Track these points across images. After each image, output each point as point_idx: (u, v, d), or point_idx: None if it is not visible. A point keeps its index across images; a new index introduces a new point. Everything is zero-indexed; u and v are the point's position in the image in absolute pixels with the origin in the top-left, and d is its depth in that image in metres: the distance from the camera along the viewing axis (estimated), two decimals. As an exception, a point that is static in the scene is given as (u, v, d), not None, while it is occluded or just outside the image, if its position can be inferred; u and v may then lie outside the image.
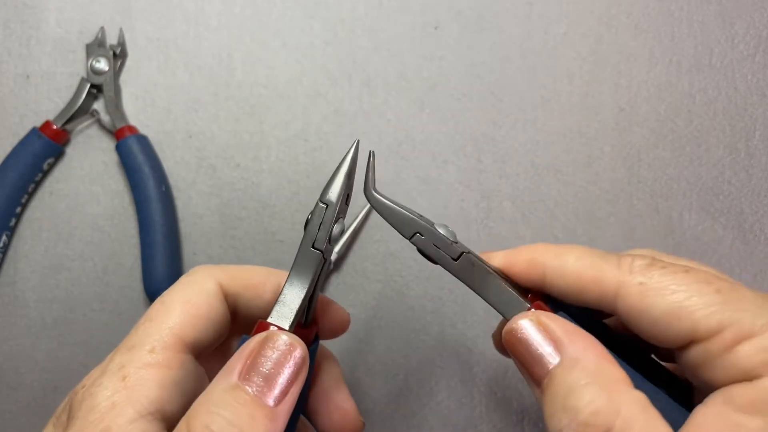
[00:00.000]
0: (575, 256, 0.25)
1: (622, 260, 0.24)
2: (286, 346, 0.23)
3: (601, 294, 0.24)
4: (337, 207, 0.26)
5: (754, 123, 0.42)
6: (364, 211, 0.41)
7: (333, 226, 0.26)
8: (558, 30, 0.43)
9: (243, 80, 0.43)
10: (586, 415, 0.21)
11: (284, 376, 0.22)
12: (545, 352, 0.23)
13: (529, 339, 0.23)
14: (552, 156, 0.42)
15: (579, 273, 0.25)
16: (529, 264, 0.26)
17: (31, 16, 0.44)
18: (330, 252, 0.27)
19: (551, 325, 0.23)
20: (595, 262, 0.25)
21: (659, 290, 0.23)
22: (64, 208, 0.42)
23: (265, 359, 0.22)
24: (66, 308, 0.42)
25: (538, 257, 0.26)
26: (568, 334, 0.23)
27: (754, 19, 0.43)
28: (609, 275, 0.24)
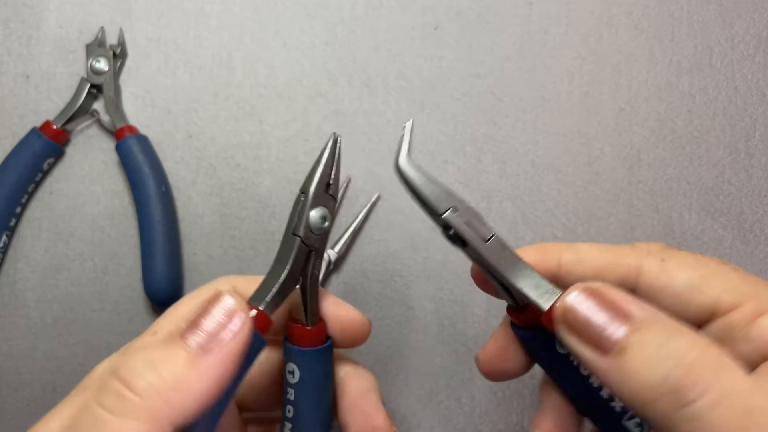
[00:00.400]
0: (587, 246, 0.26)
1: (636, 246, 0.26)
2: (226, 304, 0.23)
3: (623, 275, 0.25)
4: (310, 195, 0.27)
5: (754, 123, 0.42)
6: (364, 211, 0.41)
7: (308, 213, 0.27)
8: (558, 30, 0.43)
9: (243, 80, 0.43)
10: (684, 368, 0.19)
11: (214, 331, 0.22)
12: (611, 322, 0.21)
13: (592, 310, 0.22)
14: (552, 156, 0.42)
15: (596, 259, 0.25)
16: (543, 255, 0.26)
17: (31, 16, 0.44)
18: (317, 241, 0.27)
19: (613, 293, 0.22)
20: (608, 250, 0.26)
21: (681, 266, 0.24)
22: (64, 208, 0.42)
23: (204, 314, 0.23)
24: (66, 308, 0.42)
25: (550, 249, 0.26)
26: (632, 300, 0.22)
27: (754, 19, 0.43)
28: (628, 258, 0.25)
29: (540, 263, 0.26)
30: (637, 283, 0.25)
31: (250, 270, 0.41)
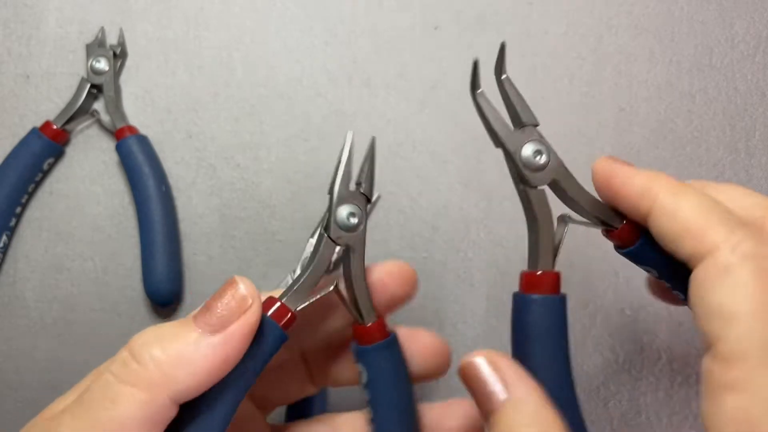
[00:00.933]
0: (692, 202, 0.23)
1: (735, 232, 0.22)
2: (238, 289, 0.24)
3: (693, 252, 0.23)
4: (335, 194, 0.28)
5: (754, 123, 0.42)
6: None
7: (335, 211, 0.27)
8: (558, 30, 0.43)
9: (243, 80, 0.43)
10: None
11: (224, 312, 0.24)
12: (495, 390, 0.24)
13: (482, 376, 0.25)
14: (552, 156, 0.42)
15: (685, 220, 0.23)
16: (642, 192, 0.25)
17: (31, 16, 0.44)
18: (351, 239, 0.28)
19: (502, 366, 0.24)
20: (709, 217, 0.23)
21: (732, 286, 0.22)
22: (64, 208, 0.42)
23: (217, 298, 0.24)
24: (66, 308, 0.42)
25: (653, 188, 0.24)
26: (516, 377, 0.24)
27: (754, 20, 0.43)
28: (710, 238, 0.22)
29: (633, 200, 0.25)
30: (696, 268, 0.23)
31: (250, 270, 0.41)
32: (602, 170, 0.27)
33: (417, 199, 0.42)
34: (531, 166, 0.26)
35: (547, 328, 0.26)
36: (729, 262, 0.21)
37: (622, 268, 0.41)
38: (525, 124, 0.26)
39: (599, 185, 0.27)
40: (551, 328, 0.26)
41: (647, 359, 0.40)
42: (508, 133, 0.26)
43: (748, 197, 0.24)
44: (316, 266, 0.27)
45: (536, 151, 0.26)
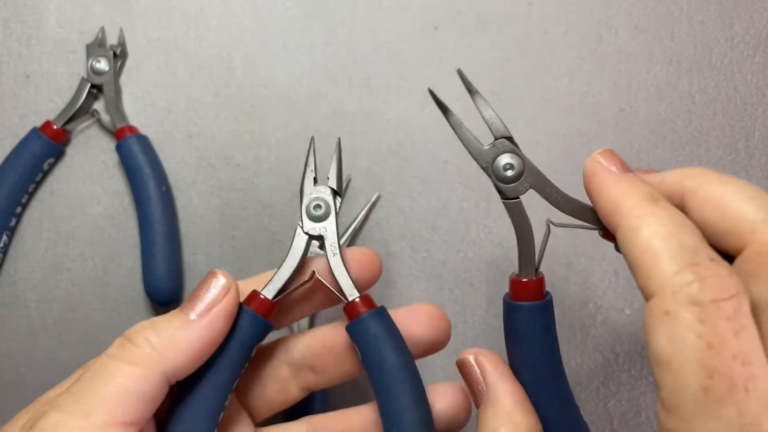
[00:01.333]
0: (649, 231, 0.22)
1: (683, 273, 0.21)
2: (217, 281, 0.28)
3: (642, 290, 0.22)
4: (302, 191, 0.32)
5: (754, 123, 0.42)
6: (364, 211, 0.41)
7: (303, 205, 0.32)
8: (558, 30, 0.43)
9: (243, 80, 0.43)
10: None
11: (207, 299, 0.27)
12: (479, 389, 0.27)
13: (470, 373, 0.28)
14: (552, 156, 0.42)
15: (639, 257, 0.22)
16: (612, 209, 0.24)
17: (31, 16, 0.44)
18: (321, 228, 0.32)
19: (485, 364, 0.27)
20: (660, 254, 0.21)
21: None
22: (64, 208, 0.42)
23: (200, 289, 0.28)
24: (66, 308, 0.42)
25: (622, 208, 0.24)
26: (494, 377, 0.26)
27: (753, 20, 0.43)
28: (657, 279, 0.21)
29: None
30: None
31: (250, 270, 0.42)
32: (587, 170, 0.27)
33: (417, 199, 0.42)
34: (503, 180, 0.27)
35: (534, 331, 0.28)
36: (669, 307, 0.20)
37: (622, 268, 0.41)
38: (497, 137, 0.28)
39: (585, 186, 0.27)
40: (538, 331, 0.28)
41: (647, 359, 0.40)
42: (479, 150, 0.28)
43: (749, 201, 0.23)
44: (291, 257, 0.31)
45: (506, 165, 0.27)
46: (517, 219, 0.28)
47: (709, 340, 0.19)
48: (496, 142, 0.28)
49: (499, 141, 0.28)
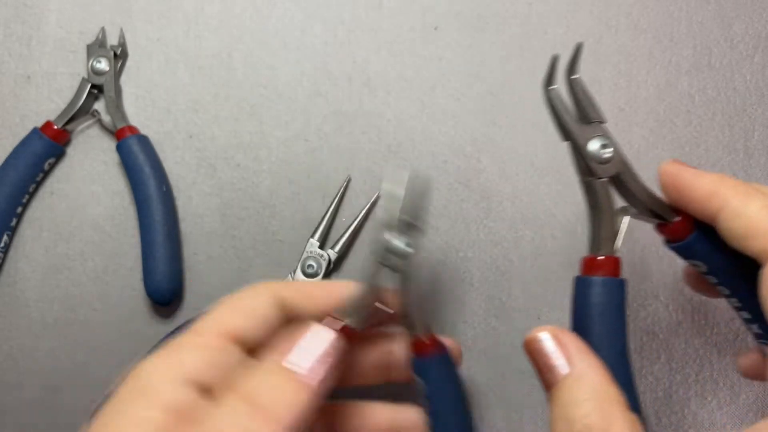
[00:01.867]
0: (760, 203, 0.25)
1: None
2: (321, 334, 0.26)
3: (763, 249, 0.25)
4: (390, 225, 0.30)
5: (753, 123, 0.42)
6: (364, 210, 0.41)
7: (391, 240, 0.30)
8: (557, 30, 0.43)
9: (243, 80, 0.43)
10: (580, 426, 0.23)
11: (315, 358, 0.25)
12: (558, 363, 0.25)
13: (546, 350, 0.25)
14: (551, 156, 0.42)
15: (755, 220, 0.25)
16: (710, 194, 0.26)
17: (32, 17, 0.44)
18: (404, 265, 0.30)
19: (566, 341, 0.25)
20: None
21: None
22: (64, 208, 0.43)
23: (304, 343, 0.26)
24: (67, 308, 0.42)
25: (722, 190, 0.26)
26: (579, 352, 0.25)
27: (752, 20, 0.43)
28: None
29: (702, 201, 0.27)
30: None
31: (250, 270, 0.42)
32: (669, 172, 0.28)
33: (417, 199, 0.42)
34: (597, 159, 0.28)
35: (608, 307, 0.28)
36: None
37: (622, 267, 0.41)
38: (593, 120, 0.28)
39: (666, 186, 0.28)
40: (611, 308, 0.28)
41: (647, 359, 0.40)
42: (577, 127, 0.28)
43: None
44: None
45: (603, 145, 0.28)
46: (602, 198, 0.28)
47: None
48: (592, 124, 0.28)
49: (595, 124, 0.28)
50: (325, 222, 0.41)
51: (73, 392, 0.41)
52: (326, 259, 0.40)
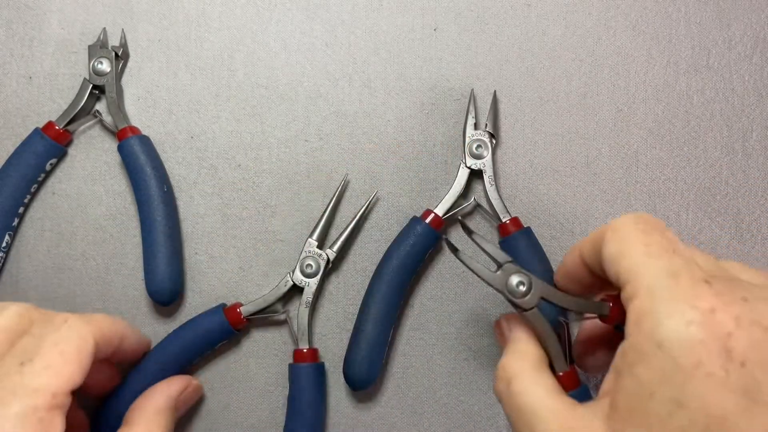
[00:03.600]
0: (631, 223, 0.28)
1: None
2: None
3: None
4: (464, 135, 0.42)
5: (751, 124, 0.42)
6: (362, 210, 0.41)
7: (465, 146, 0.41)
8: (556, 31, 0.43)
9: (244, 81, 0.44)
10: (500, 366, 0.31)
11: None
12: (504, 334, 0.33)
13: (499, 325, 0.34)
14: (550, 156, 0.42)
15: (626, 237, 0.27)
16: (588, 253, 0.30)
17: (34, 18, 0.44)
18: (484, 166, 0.41)
19: (509, 320, 0.33)
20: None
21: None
22: (66, 208, 0.43)
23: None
24: (68, 308, 0.42)
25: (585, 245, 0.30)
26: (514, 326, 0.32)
27: (751, 21, 0.43)
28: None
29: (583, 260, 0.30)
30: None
31: (251, 270, 0.42)
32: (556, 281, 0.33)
33: (417, 200, 0.42)
34: (517, 295, 0.30)
35: None
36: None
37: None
38: (501, 263, 0.31)
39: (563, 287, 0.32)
40: None
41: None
42: (492, 276, 0.31)
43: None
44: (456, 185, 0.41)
45: (518, 282, 0.31)
46: (539, 325, 0.31)
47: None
48: (504, 266, 0.31)
49: (506, 265, 0.31)
50: (324, 221, 0.41)
51: (75, 391, 0.41)
52: (324, 259, 0.40)
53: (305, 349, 0.39)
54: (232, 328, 0.39)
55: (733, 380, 0.22)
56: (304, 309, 0.39)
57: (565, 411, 0.27)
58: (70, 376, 0.29)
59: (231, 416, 0.41)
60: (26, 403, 0.27)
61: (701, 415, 0.22)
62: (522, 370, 0.29)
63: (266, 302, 0.40)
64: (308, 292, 0.40)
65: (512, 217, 0.39)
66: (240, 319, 0.39)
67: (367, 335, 0.38)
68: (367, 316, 0.38)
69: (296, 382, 0.38)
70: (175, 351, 0.38)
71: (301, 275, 0.40)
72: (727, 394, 0.22)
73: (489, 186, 0.40)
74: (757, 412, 0.22)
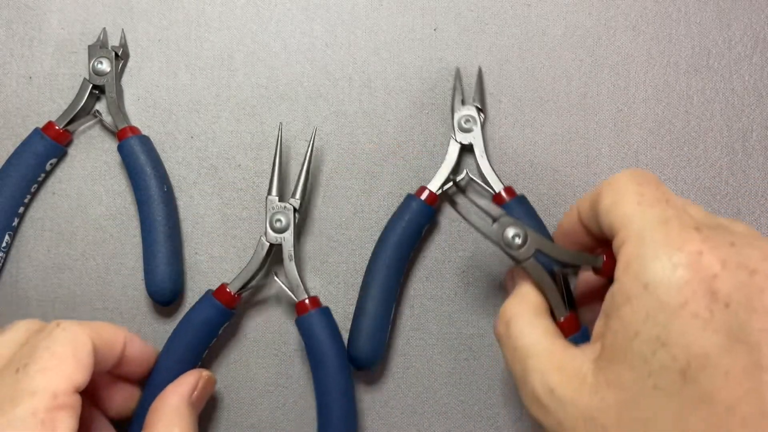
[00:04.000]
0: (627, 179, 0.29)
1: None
2: None
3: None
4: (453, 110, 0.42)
5: (752, 124, 0.42)
6: (309, 151, 0.42)
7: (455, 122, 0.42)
8: (556, 31, 0.43)
9: (244, 81, 0.44)
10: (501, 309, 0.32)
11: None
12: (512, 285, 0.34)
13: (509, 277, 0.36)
14: (550, 156, 0.42)
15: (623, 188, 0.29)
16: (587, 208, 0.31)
17: (34, 18, 0.44)
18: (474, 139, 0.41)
19: (514, 273, 0.34)
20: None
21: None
22: (66, 208, 0.43)
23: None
24: (68, 308, 0.42)
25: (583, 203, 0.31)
26: (514, 278, 0.34)
27: (751, 21, 0.43)
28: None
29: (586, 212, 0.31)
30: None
31: (251, 269, 0.42)
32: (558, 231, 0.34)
33: (417, 199, 0.42)
34: (513, 247, 0.31)
35: None
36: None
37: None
38: (497, 217, 0.32)
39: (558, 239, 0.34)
40: None
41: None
42: (489, 228, 0.32)
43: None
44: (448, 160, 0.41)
45: (514, 234, 0.31)
46: (536, 275, 0.31)
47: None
48: (500, 219, 0.32)
49: (502, 218, 0.32)
50: (276, 176, 0.40)
51: (75, 391, 0.41)
52: (290, 209, 0.40)
53: (305, 299, 0.39)
54: (227, 308, 0.38)
55: (717, 320, 0.23)
56: (289, 263, 0.39)
57: (557, 351, 0.28)
58: (69, 375, 0.29)
59: (231, 416, 0.41)
60: (25, 408, 0.27)
61: (683, 354, 0.23)
62: (521, 312, 0.31)
63: (250, 272, 0.39)
64: (287, 246, 0.39)
65: (506, 186, 0.40)
66: (232, 297, 0.39)
67: (369, 314, 0.38)
68: (367, 295, 0.39)
69: (307, 332, 0.38)
70: (179, 350, 0.38)
71: (274, 233, 0.40)
72: (710, 334, 0.23)
73: (480, 158, 0.41)
74: (738, 351, 0.22)
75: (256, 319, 0.41)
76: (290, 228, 0.39)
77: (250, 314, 0.42)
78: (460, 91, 0.42)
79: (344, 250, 0.42)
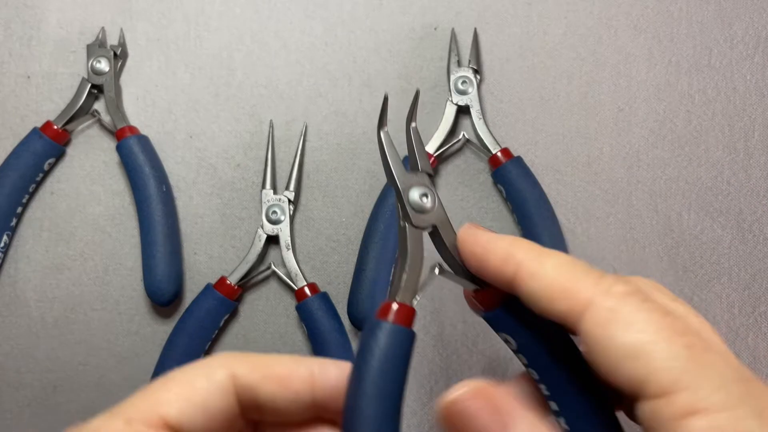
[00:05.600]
0: (555, 261, 0.23)
1: (603, 279, 0.22)
2: None
3: (569, 309, 0.22)
4: (449, 71, 0.41)
5: (753, 123, 0.42)
6: (300, 144, 0.43)
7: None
8: (557, 30, 0.43)
9: (243, 81, 0.43)
10: None
11: None
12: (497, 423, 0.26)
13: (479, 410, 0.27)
14: (551, 156, 0.42)
15: (553, 279, 0.23)
16: (505, 258, 0.24)
17: (32, 17, 0.44)
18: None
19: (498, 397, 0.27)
20: (574, 273, 0.23)
21: (626, 323, 0.21)
22: (65, 208, 0.43)
23: None
24: (67, 308, 0.42)
25: (516, 252, 0.24)
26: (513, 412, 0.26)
27: (752, 20, 0.43)
28: (583, 291, 0.22)
29: (498, 266, 0.25)
30: (579, 325, 0.22)
31: (251, 270, 0.42)
32: (464, 239, 0.26)
33: (417, 199, 0.42)
34: (416, 207, 0.27)
35: (391, 356, 0.26)
36: (611, 305, 0.22)
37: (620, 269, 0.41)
38: (421, 170, 0.27)
39: (464, 254, 0.27)
40: (394, 357, 0.26)
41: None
42: (402, 173, 0.27)
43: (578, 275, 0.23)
44: (445, 122, 0.39)
45: (423, 194, 0.27)
46: (412, 246, 0.26)
47: (661, 310, 0.21)
48: (419, 172, 0.27)
49: (421, 173, 0.27)
50: (269, 171, 0.42)
51: (73, 392, 0.41)
52: (285, 201, 0.41)
53: (304, 286, 0.40)
54: (228, 299, 0.39)
55: None
56: (287, 253, 0.40)
57: None
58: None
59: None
60: None
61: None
62: None
63: (249, 263, 0.40)
64: (284, 237, 0.41)
65: (502, 148, 0.40)
66: (232, 288, 0.39)
67: (369, 274, 0.39)
68: (367, 256, 0.39)
69: (308, 317, 0.39)
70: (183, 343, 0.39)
71: (270, 225, 0.41)
72: None
73: (477, 120, 0.41)
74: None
75: (258, 311, 0.41)
76: (286, 219, 0.41)
77: (252, 307, 0.41)
78: (456, 53, 0.42)
79: (344, 250, 0.42)
